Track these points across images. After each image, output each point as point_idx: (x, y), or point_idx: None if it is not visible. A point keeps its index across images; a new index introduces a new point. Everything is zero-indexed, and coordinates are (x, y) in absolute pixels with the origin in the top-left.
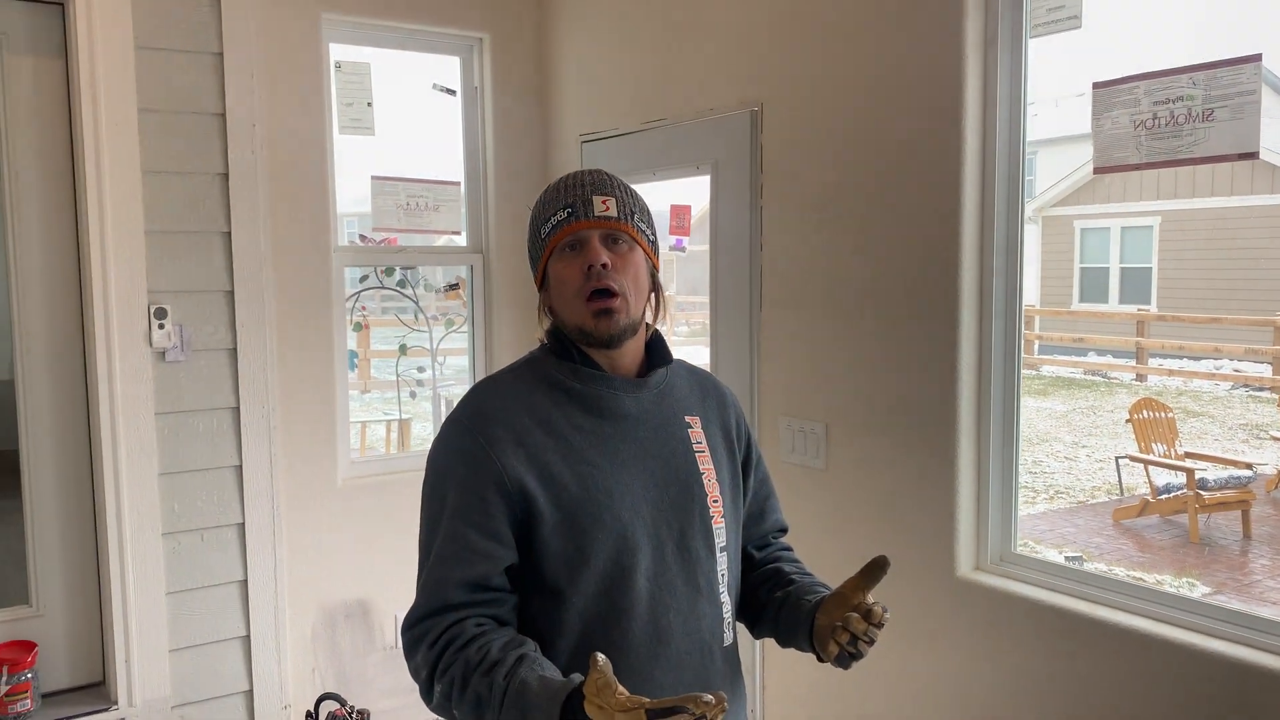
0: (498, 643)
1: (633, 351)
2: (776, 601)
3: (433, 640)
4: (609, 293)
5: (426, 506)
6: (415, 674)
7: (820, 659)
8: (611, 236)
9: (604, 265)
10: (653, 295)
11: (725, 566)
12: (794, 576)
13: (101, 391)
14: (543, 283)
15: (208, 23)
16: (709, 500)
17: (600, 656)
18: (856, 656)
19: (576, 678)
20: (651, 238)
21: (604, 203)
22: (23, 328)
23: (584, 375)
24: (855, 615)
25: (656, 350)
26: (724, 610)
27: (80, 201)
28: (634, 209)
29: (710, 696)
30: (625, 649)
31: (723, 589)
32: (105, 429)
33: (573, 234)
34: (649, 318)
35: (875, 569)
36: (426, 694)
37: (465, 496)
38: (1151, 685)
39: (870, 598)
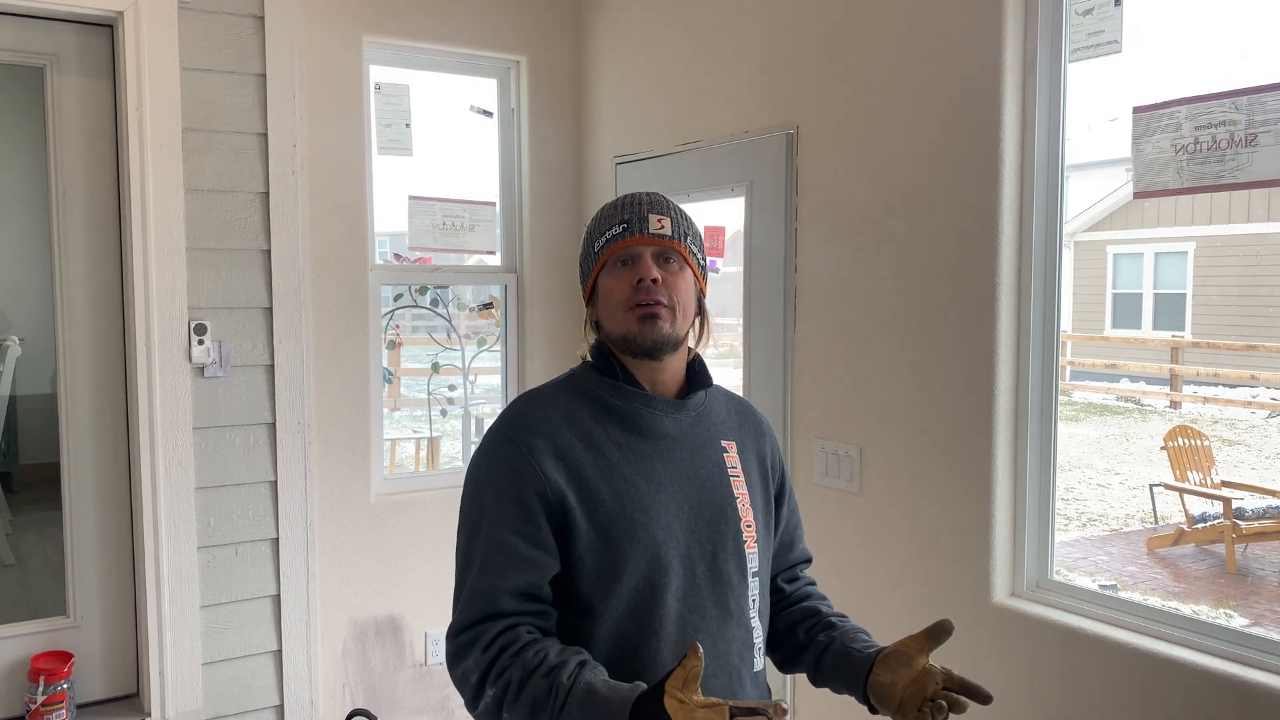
0: (554, 649)
1: (674, 371)
2: (819, 645)
3: (486, 644)
4: (656, 304)
5: (467, 514)
6: (463, 679)
7: (874, 711)
8: (664, 255)
9: (654, 280)
10: (697, 319)
11: (757, 591)
12: (833, 620)
13: (141, 406)
14: (590, 297)
15: (252, 45)
16: (742, 524)
17: (700, 647)
18: None
19: (640, 685)
20: (701, 261)
21: (659, 221)
22: (66, 342)
23: (625, 393)
24: (962, 699)
25: (697, 373)
26: (754, 635)
27: (124, 219)
28: (687, 231)
29: (785, 705)
30: (653, 668)
31: (753, 614)
32: (144, 443)
33: (626, 249)
34: (691, 340)
35: (940, 632)
36: (474, 699)
37: (509, 505)
38: (1192, 715)
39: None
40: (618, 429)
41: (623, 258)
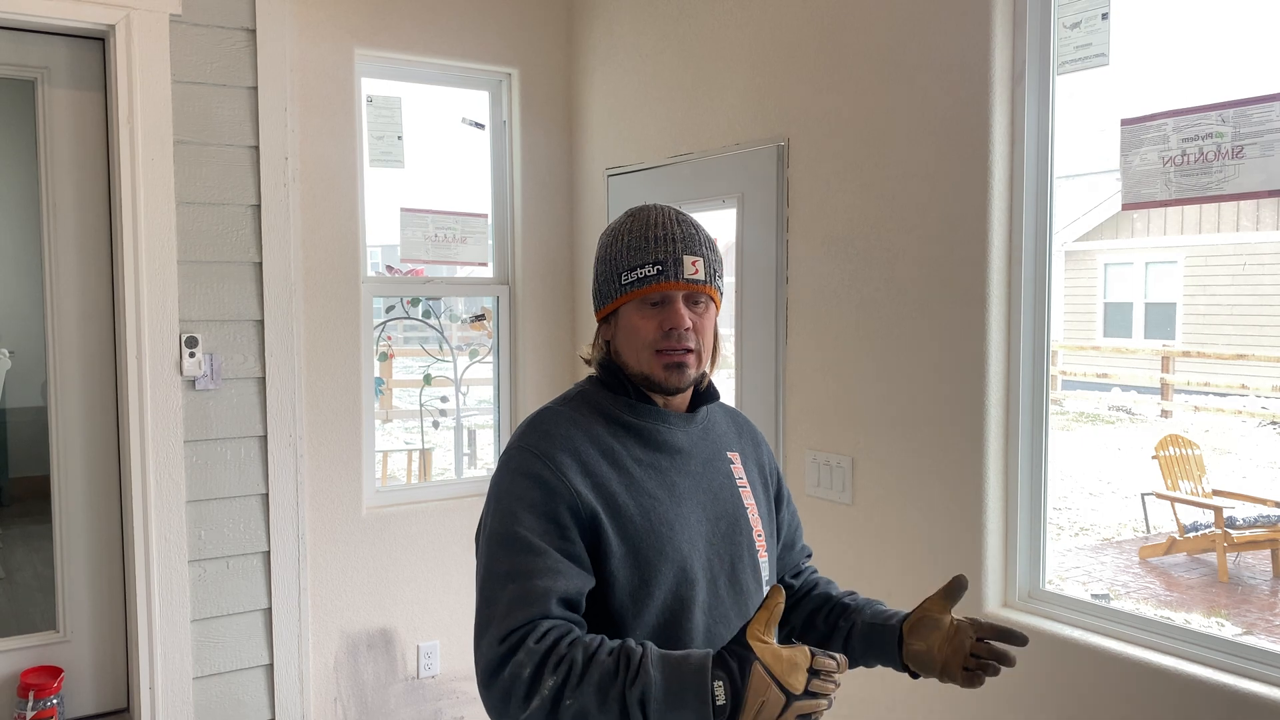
0: (610, 640)
1: (685, 391)
2: (842, 630)
3: (539, 636)
4: (685, 351)
5: (496, 530)
6: (513, 679)
7: (915, 676)
8: (693, 298)
9: (686, 329)
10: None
11: None
12: (846, 602)
13: (132, 419)
14: (606, 319)
15: (243, 58)
16: (754, 534)
17: (782, 588)
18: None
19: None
20: (722, 289)
21: (693, 264)
22: (57, 355)
23: (639, 409)
24: (1006, 650)
25: (704, 386)
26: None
27: (115, 231)
28: (716, 266)
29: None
30: None
31: None
32: (135, 456)
33: (660, 293)
34: (705, 365)
35: (956, 589)
36: (526, 696)
37: (543, 520)
38: None
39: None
40: (636, 445)
41: (655, 300)
